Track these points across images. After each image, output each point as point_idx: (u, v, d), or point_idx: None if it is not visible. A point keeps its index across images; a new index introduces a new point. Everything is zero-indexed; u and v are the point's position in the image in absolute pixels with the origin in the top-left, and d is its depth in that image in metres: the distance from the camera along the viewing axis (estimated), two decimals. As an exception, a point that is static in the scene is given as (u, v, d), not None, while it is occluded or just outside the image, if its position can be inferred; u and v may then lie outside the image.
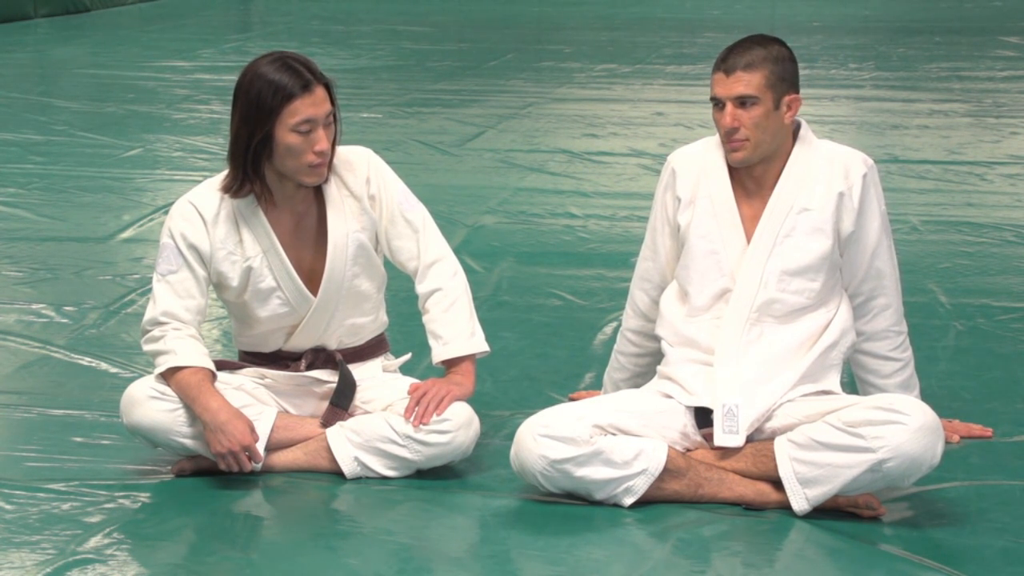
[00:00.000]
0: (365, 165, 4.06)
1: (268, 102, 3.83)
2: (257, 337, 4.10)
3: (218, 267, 3.98)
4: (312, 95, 3.84)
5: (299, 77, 3.84)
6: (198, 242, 3.96)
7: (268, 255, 3.99)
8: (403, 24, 16.66)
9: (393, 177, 4.10)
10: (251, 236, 3.98)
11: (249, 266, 3.98)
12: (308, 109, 3.84)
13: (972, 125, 9.86)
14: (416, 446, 3.89)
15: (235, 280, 4.00)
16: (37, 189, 7.59)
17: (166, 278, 3.97)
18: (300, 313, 4.04)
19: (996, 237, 6.71)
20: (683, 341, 3.93)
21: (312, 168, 3.88)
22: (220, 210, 3.97)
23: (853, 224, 3.90)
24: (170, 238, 3.98)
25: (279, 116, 3.83)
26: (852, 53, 14.13)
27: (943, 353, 5.06)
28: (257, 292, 4.00)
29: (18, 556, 3.46)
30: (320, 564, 3.48)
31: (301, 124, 3.83)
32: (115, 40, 15.07)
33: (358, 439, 3.92)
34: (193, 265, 3.96)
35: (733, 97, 3.82)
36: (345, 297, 4.05)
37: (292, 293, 4.01)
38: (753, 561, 3.53)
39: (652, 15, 18.15)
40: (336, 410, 4.02)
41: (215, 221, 3.96)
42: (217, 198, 3.98)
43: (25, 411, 4.44)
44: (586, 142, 9.15)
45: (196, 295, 3.98)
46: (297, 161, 3.87)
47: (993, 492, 3.89)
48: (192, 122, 9.76)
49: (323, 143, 3.85)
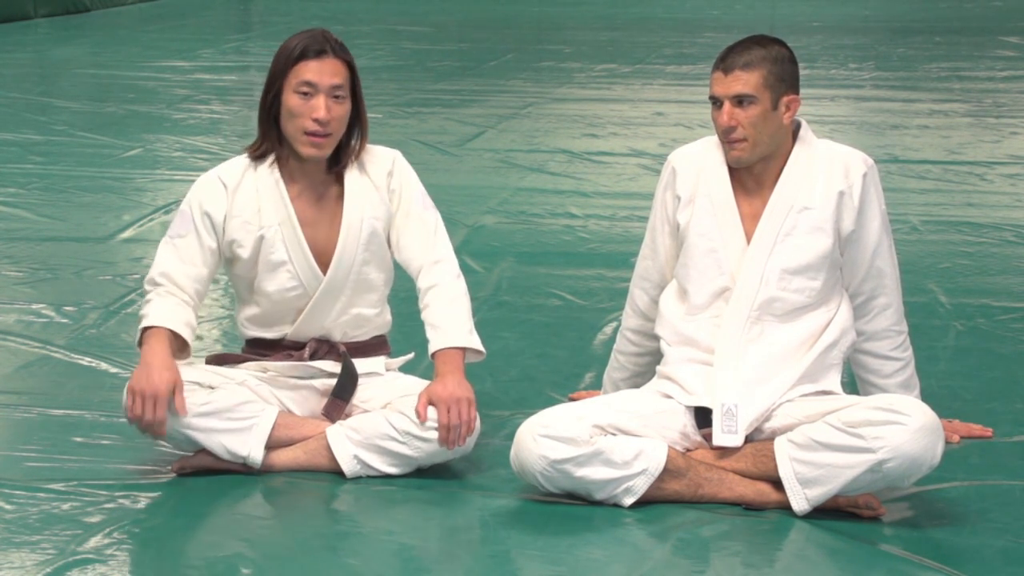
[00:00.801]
0: (390, 161, 4.12)
1: (282, 61, 3.96)
2: (263, 318, 4.10)
3: (232, 235, 4.03)
4: (321, 62, 3.93)
5: (315, 43, 3.94)
6: (213, 210, 4.01)
7: (283, 227, 4.02)
8: (403, 24, 16.67)
9: (415, 178, 4.15)
10: (270, 206, 4.02)
11: (262, 235, 4.02)
12: (312, 73, 3.92)
13: (972, 125, 9.87)
14: (416, 443, 3.89)
15: (247, 250, 4.03)
16: (37, 189, 7.59)
17: (173, 240, 4.04)
18: (308, 292, 4.05)
19: (996, 237, 6.71)
20: (682, 340, 3.93)
21: (308, 136, 3.93)
22: (243, 180, 4.04)
23: (853, 223, 3.90)
24: (187, 205, 4.06)
25: (287, 75, 3.94)
26: (852, 53, 14.13)
27: (943, 353, 5.06)
28: (267, 263, 4.03)
29: (18, 556, 3.46)
30: (320, 564, 3.48)
31: (302, 85, 3.92)
32: (115, 40, 15.07)
33: (358, 437, 3.93)
34: (202, 233, 4.02)
35: (730, 96, 3.83)
36: (353, 282, 4.07)
37: (302, 268, 4.03)
38: (753, 561, 3.53)
39: (652, 15, 18.15)
40: (338, 402, 4.03)
41: (236, 189, 4.03)
42: (242, 168, 4.06)
43: (25, 411, 4.44)
44: (586, 142, 9.15)
45: (199, 263, 4.02)
46: (295, 125, 3.94)
47: (993, 492, 3.89)
48: (192, 122, 9.76)
49: (321, 112, 3.90)
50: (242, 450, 3.90)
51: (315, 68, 3.92)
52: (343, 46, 4.00)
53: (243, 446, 3.90)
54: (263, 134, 4.03)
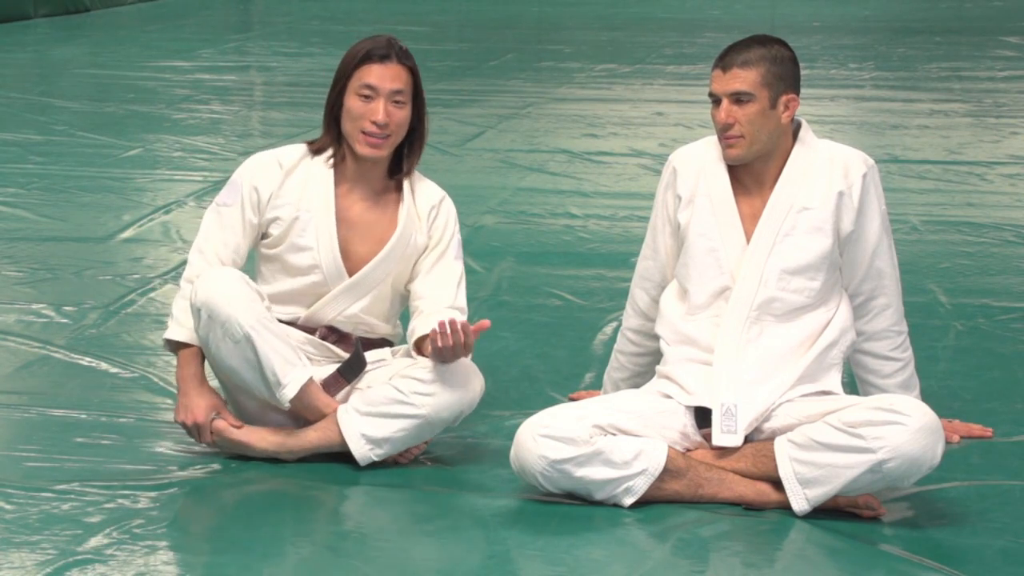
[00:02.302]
0: (438, 199, 4.21)
1: (347, 63, 4.06)
2: (278, 297, 4.12)
3: (273, 213, 4.11)
4: (384, 66, 4.02)
5: (380, 47, 4.04)
6: (263, 185, 4.10)
7: (319, 214, 4.08)
8: (403, 24, 16.66)
9: (457, 225, 4.23)
10: (313, 193, 4.10)
11: (297, 216, 4.09)
12: (374, 77, 4.01)
13: (972, 125, 9.87)
14: (424, 399, 3.91)
15: (280, 227, 4.11)
16: (37, 189, 7.59)
17: (219, 208, 4.14)
18: (328, 283, 4.09)
19: (996, 237, 6.71)
20: (682, 339, 3.93)
21: (365, 136, 4.02)
22: (299, 165, 4.14)
23: (853, 223, 3.90)
24: (240, 176, 4.16)
25: (351, 77, 4.04)
26: (852, 53, 14.13)
27: (943, 353, 5.06)
28: (294, 245, 4.10)
29: (18, 556, 3.46)
30: (320, 564, 3.48)
31: (363, 88, 4.01)
32: (115, 40, 15.06)
33: (365, 408, 3.94)
34: (247, 207, 4.11)
35: (728, 93, 3.84)
36: (375, 292, 4.12)
37: (327, 259, 4.08)
38: (753, 561, 3.53)
39: (652, 15, 18.14)
40: (339, 379, 4.06)
41: (291, 171, 4.13)
42: (300, 154, 4.16)
43: (25, 411, 4.44)
44: (586, 142, 9.15)
45: (238, 233, 4.12)
46: (354, 125, 4.03)
47: (993, 492, 3.89)
48: (192, 122, 9.76)
49: (379, 115, 3.99)
50: (284, 377, 3.93)
51: (377, 72, 4.01)
52: (408, 53, 4.08)
53: (285, 375, 3.93)
54: (325, 131, 4.12)
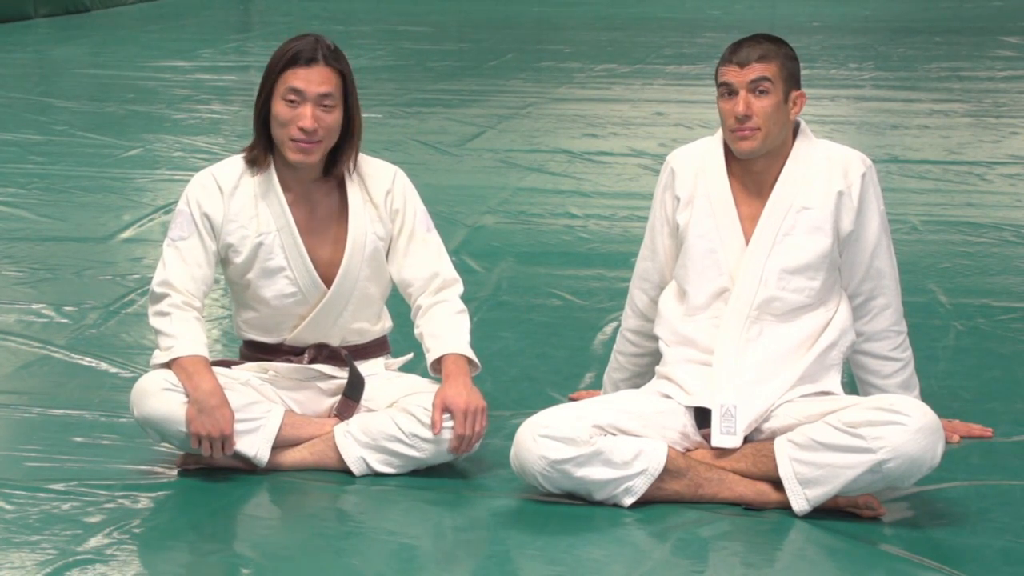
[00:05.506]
0: (389, 179, 4.09)
1: (273, 66, 3.93)
2: (261, 321, 4.09)
3: (227, 239, 4.00)
4: (310, 70, 3.89)
5: (307, 50, 3.90)
6: (212, 212, 3.99)
7: (282, 233, 4.00)
8: (403, 24, 16.66)
9: (416, 198, 4.12)
10: (267, 212, 4.00)
11: (260, 242, 4.00)
12: (299, 81, 3.89)
13: (972, 125, 9.86)
14: (423, 445, 3.89)
15: (242, 255, 4.01)
16: (37, 189, 7.59)
17: (176, 243, 4.00)
18: (308, 300, 4.04)
19: (996, 237, 6.71)
20: (681, 340, 3.93)
21: (294, 143, 3.91)
22: (239, 183, 4.02)
23: (852, 223, 3.90)
24: (186, 205, 4.03)
25: (276, 81, 3.92)
26: (852, 53, 14.13)
27: (943, 353, 5.06)
28: (264, 270, 4.01)
29: (18, 556, 3.46)
30: (321, 564, 3.48)
31: (289, 92, 3.89)
32: (115, 40, 15.07)
33: (365, 438, 3.92)
34: (203, 235, 4.00)
35: (748, 82, 3.82)
36: (357, 297, 4.06)
37: (302, 275, 4.01)
38: (753, 561, 3.53)
39: (652, 15, 18.14)
40: (349, 402, 4.04)
41: (232, 193, 4.01)
42: (238, 171, 4.03)
43: (25, 411, 4.44)
44: (586, 142, 9.15)
45: (203, 264, 4.00)
46: (282, 131, 3.92)
47: (993, 492, 3.89)
48: (192, 122, 9.76)
49: (307, 121, 3.88)
50: (249, 450, 3.89)
51: (303, 76, 3.89)
52: (337, 54, 3.95)
53: (250, 446, 3.90)
54: (256, 137, 4.01)
